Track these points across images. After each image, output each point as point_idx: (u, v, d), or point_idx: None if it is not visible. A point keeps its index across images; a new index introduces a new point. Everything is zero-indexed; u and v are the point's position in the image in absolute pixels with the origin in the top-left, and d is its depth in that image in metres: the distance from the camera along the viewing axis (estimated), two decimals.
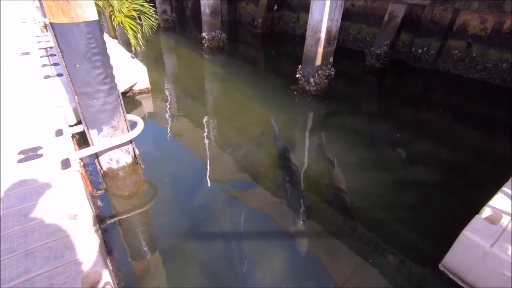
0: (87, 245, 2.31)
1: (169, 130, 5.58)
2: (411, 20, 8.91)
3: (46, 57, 6.64)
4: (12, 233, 2.37)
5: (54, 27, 2.84)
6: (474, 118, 6.49)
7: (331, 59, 6.90)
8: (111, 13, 8.12)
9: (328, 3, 5.91)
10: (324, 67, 6.78)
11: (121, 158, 3.84)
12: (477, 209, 2.84)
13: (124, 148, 3.80)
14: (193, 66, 9.35)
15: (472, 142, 5.54)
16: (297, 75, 7.18)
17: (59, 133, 3.84)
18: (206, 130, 5.61)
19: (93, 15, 2.96)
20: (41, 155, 3.37)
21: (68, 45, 2.92)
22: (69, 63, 3.02)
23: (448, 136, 5.73)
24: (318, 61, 6.61)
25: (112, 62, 3.35)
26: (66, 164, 3.24)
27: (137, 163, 4.13)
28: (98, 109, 3.33)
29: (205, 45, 10.66)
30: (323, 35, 6.29)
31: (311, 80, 6.81)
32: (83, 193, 2.87)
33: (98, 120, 3.41)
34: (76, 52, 2.96)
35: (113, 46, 7.35)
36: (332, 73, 6.95)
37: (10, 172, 3.08)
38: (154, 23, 9.25)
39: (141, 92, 6.59)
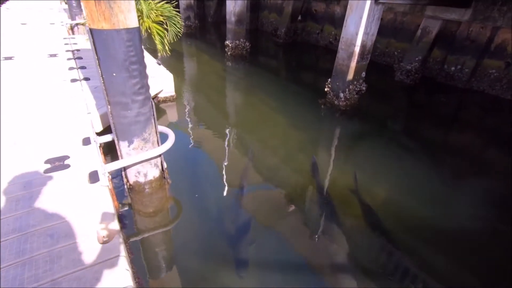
0: (119, 277, 2.06)
1: (193, 141, 5.37)
2: (445, 37, 8.55)
3: (73, 60, 6.59)
4: (37, 257, 2.15)
5: (93, 33, 2.67)
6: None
7: (363, 74, 6.61)
8: (139, 18, 8.08)
9: (365, 16, 5.66)
10: (355, 82, 6.49)
11: (149, 172, 3.62)
12: None
13: (153, 161, 3.59)
14: (216, 74, 9.21)
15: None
16: (325, 89, 6.91)
17: (86, 141, 3.66)
18: (230, 144, 5.38)
19: (134, 22, 2.78)
20: (68, 166, 3.18)
21: (106, 52, 2.74)
22: (106, 71, 2.84)
23: (488, 161, 5.34)
24: (350, 76, 6.33)
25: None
26: (94, 177, 3.03)
27: (164, 177, 3.91)
28: (130, 120, 3.13)
29: (228, 53, 10.55)
30: (357, 49, 6.03)
31: (341, 95, 6.53)
32: (113, 212, 2.65)
33: (129, 131, 3.21)
34: (114, 60, 2.77)
35: None
36: (364, 88, 6.65)
37: (37, 183, 2.89)
38: (180, 30, 9.16)
39: (166, 100, 6.43)
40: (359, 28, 5.81)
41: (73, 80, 5.48)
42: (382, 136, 5.95)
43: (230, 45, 10.35)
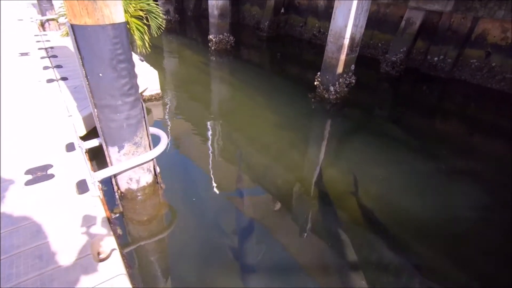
0: None
1: (183, 141, 5.16)
2: (427, 28, 8.67)
3: (47, 59, 6.14)
4: (26, 283, 1.92)
5: (75, 30, 2.41)
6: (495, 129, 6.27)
7: (353, 67, 6.58)
8: None
9: (354, 8, 5.58)
10: (345, 75, 6.45)
11: (141, 178, 3.40)
12: None
13: (145, 166, 3.37)
14: (201, 70, 8.93)
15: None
16: (315, 83, 6.83)
17: (70, 148, 3.38)
18: (221, 143, 5.21)
19: (121, 17, 2.54)
20: (52, 176, 2.92)
21: (90, 50, 2.48)
22: (91, 71, 2.59)
23: (472, 147, 5.52)
24: (340, 69, 6.28)
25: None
26: (82, 187, 2.79)
27: (157, 182, 3.69)
28: (120, 123, 2.90)
29: (212, 47, 10.26)
30: (346, 41, 5.96)
31: (331, 88, 6.47)
32: (107, 225, 2.44)
33: (119, 136, 2.97)
34: (99, 58, 2.53)
35: None
36: (353, 81, 6.62)
37: (17, 197, 2.62)
38: (161, 23, 8.73)
39: (151, 99, 6.14)
40: (348, 20, 5.73)
41: (50, 81, 5.09)
42: (373, 128, 5.96)
43: (213, 39, 10.06)
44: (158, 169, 3.64)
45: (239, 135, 5.49)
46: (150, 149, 3.37)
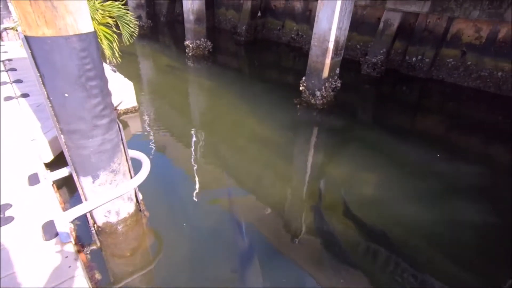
0: None
1: (165, 159, 4.72)
2: (404, 29, 8.77)
3: (5, 73, 5.46)
4: None
5: (31, 43, 1.97)
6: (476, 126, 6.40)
7: (338, 70, 6.43)
8: None
9: (338, 11, 5.42)
10: (331, 79, 6.28)
11: (122, 209, 2.96)
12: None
13: (125, 195, 2.93)
14: (179, 78, 8.46)
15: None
16: (300, 88, 6.61)
17: (33, 180, 2.88)
18: (206, 157, 4.84)
19: (88, 26, 2.13)
20: (11, 218, 2.42)
21: (52, 67, 2.05)
22: (53, 91, 2.15)
23: (451, 142, 5.73)
24: (326, 73, 6.10)
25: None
26: (50, 231, 2.33)
27: (140, 210, 3.26)
28: (94, 150, 2.46)
29: (189, 53, 9.82)
30: (331, 45, 5.79)
31: (318, 93, 6.28)
32: (84, 278, 2.00)
33: (93, 164, 2.53)
34: (64, 76, 2.10)
35: None
36: (339, 85, 6.48)
37: None
38: (134, 30, 8.15)
39: (127, 112, 5.63)
40: (332, 23, 5.56)
41: (8, 98, 4.48)
42: (361, 133, 5.84)
43: (190, 45, 9.62)
44: (140, 196, 3.21)
45: (224, 146, 5.13)
46: (130, 175, 2.94)
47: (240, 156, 4.88)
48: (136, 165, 3.04)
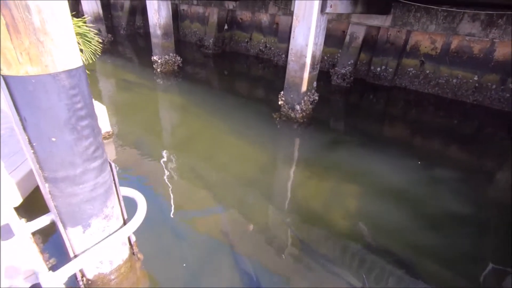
0: None
1: (150, 187, 4.37)
2: (368, 41, 9.28)
3: None
4: None
5: (10, 83, 1.67)
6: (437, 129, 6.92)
7: (315, 84, 6.55)
8: None
9: (313, 27, 5.54)
10: (309, 93, 6.37)
11: (115, 256, 2.63)
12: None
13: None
14: (150, 97, 8.02)
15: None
16: (279, 102, 6.62)
17: (6, 232, 2.45)
18: (188, 178, 4.61)
19: (77, 59, 1.87)
20: None
21: (37, 109, 1.75)
22: (37, 136, 1.84)
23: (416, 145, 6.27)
24: (304, 87, 6.17)
25: None
26: None
27: (134, 253, 2.94)
28: (84, 197, 2.15)
29: (158, 69, 9.41)
30: (308, 60, 5.89)
31: (297, 107, 6.32)
32: None
33: (84, 213, 2.21)
34: (51, 119, 1.81)
35: None
36: (316, 98, 6.58)
37: None
38: (97, 47, 7.64)
39: None
40: (308, 39, 5.66)
41: None
42: (342, 143, 6.01)
43: (158, 61, 9.23)
44: (134, 238, 2.90)
45: (205, 167, 4.89)
46: (123, 218, 2.64)
47: (223, 176, 4.70)
48: (129, 206, 2.74)
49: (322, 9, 5.49)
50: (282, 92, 6.59)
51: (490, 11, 6.63)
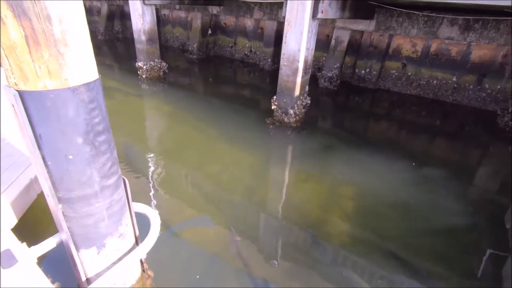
0: None
1: (146, 201, 4.21)
2: (352, 45, 9.54)
3: None
4: None
5: (26, 99, 1.53)
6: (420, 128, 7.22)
7: (307, 88, 6.62)
8: None
9: (306, 32, 5.61)
10: (301, 97, 6.43)
11: (128, 277, 2.49)
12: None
13: None
14: (137, 105, 7.78)
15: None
16: (272, 107, 6.63)
17: (7, 259, 2.25)
18: (188, 191, 4.48)
19: (94, 71, 1.76)
20: None
21: (55, 125, 1.63)
22: (53, 154, 1.71)
23: (401, 143, 6.44)
24: (297, 92, 6.22)
25: None
26: None
27: (144, 271, 2.80)
28: (101, 216, 2.02)
29: (143, 76, 9.17)
30: (301, 64, 5.95)
31: (291, 111, 6.36)
32: None
33: (99, 233, 2.08)
34: (69, 135, 1.68)
35: None
36: (309, 102, 6.65)
37: None
38: None
39: None
40: (300, 44, 5.73)
41: None
42: (336, 145, 6.05)
43: (143, 67, 9.00)
44: (144, 255, 2.76)
45: (197, 175, 4.78)
46: (135, 235, 2.51)
47: (216, 184, 4.60)
48: (141, 223, 2.61)
49: (314, 15, 5.58)
50: (274, 97, 6.60)
51: (467, 16, 7.02)
